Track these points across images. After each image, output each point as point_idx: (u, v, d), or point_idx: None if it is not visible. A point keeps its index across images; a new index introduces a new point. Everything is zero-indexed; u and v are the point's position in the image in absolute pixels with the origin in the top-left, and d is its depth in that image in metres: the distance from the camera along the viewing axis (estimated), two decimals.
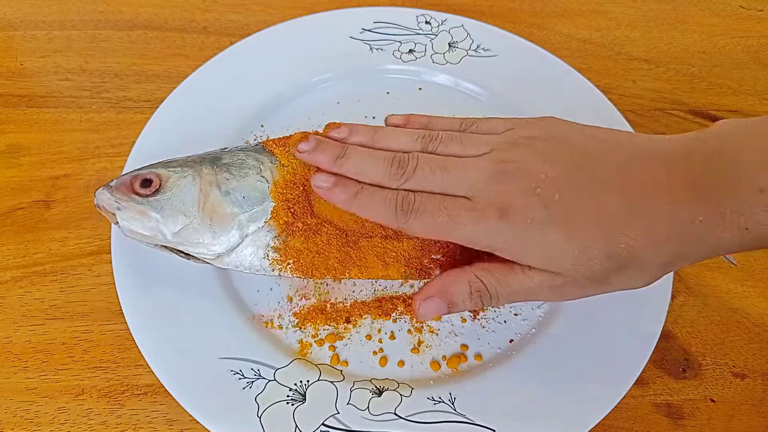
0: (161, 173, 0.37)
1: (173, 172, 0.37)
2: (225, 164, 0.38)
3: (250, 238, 0.37)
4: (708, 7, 0.62)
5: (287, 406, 0.36)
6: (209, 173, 0.38)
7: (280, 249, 0.37)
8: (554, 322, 0.40)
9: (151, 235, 0.37)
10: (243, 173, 0.37)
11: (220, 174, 0.38)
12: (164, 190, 0.37)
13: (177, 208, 0.37)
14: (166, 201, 0.37)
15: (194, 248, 0.37)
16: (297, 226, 0.37)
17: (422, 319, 0.36)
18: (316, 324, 0.40)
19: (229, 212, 0.37)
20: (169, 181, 0.37)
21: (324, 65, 0.52)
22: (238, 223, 0.37)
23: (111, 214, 0.37)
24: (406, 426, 0.35)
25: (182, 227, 0.36)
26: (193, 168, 0.38)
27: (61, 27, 0.56)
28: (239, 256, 0.37)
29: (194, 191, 0.37)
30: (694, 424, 0.39)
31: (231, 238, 0.37)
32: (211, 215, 0.37)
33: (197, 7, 0.59)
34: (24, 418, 0.37)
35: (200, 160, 0.39)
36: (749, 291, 0.44)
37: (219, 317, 0.39)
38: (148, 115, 0.47)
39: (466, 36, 0.53)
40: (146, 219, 0.36)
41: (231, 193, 0.37)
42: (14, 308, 0.41)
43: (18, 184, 0.47)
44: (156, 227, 0.36)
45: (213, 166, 0.38)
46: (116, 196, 0.37)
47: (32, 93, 0.52)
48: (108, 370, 0.39)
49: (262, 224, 0.37)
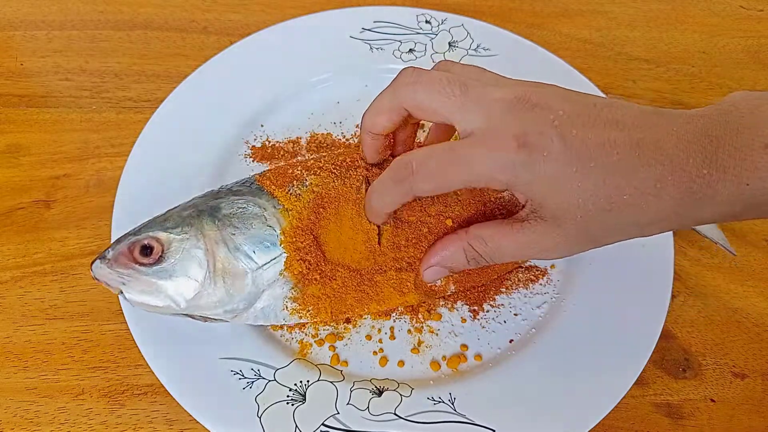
0: (161, 238, 0.35)
1: (174, 234, 0.35)
2: (226, 216, 0.36)
3: (267, 292, 0.36)
4: (708, 7, 0.62)
5: (287, 406, 0.36)
6: (212, 230, 0.35)
7: (297, 299, 0.36)
8: (554, 322, 0.40)
9: (165, 306, 0.35)
10: (248, 224, 0.35)
11: (224, 229, 0.35)
12: (168, 257, 0.34)
13: (186, 274, 0.34)
14: (173, 268, 0.34)
15: (212, 311, 0.35)
16: (312, 275, 0.36)
17: (429, 282, 0.36)
18: (316, 324, 0.40)
19: (241, 269, 0.35)
20: (171, 246, 0.34)
21: (324, 65, 0.52)
22: (253, 278, 0.35)
23: (114, 287, 0.35)
24: (406, 426, 0.35)
25: (195, 294, 0.34)
26: (193, 227, 0.35)
27: (61, 27, 0.56)
28: (257, 311, 0.36)
29: (201, 254, 0.35)
30: (694, 424, 0.39)
31: (248, 294, 0.35)
32: (223, 276, 0.35)
33: (197, 7, 0.59)
34: (24, 418, 0.37)
35: (197, 213, 0.36)
36: (749, 291, 0.44)
37: None
38: (148, 115, 0.47)
39: (466, 35, 0.53)
40: (156, 290, 0.34)
41: (240, 248, 0.35)
42: (14, 308, 0.41)
43: (18, 184, 0.47)
44: (168, 297, 0.34)
45: (214, 220, 0.35)
46: (118, 270, 0.34)
47: (32, 93, 0.52)
48: (108, 370, 0.39)
49: (278, 277, 0.36)
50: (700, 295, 0.44)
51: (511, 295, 0.41)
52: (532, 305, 0.41)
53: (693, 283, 0.44)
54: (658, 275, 0.41)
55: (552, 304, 0.41)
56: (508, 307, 0.41)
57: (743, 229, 0.46)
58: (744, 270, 0.45)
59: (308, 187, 0.36)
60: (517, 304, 0.41)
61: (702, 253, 0.45)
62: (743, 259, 0.45)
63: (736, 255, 0.44)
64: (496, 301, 0.41)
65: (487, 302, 0.41)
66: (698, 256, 0.45)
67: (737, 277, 0.44)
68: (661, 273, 0.41)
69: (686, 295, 0.43)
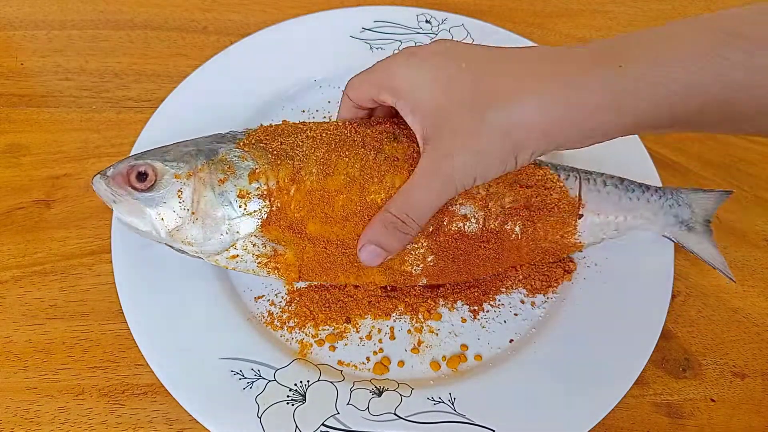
0: (157, 168, 0.37)
1: (169, 167, 0.37)
2: (221, 161, 0.37)
3: (241, 242, 0.37)
4: (708, 7, 0.62)
5: (287, 406, 0.36)
6: (204, 171, 0.37)
7: (269, 255, 0.38)
8: (554, 322, 0.40)
9: (147, 231, 0.37)
10: (238, 174, 0.37)
11: (214, 174, 0.37)
12: (159, 187, 0.37)
13: (171, 207, 0.37)
14: (161, 198, 0.37)
15: (186, 247, 0.38)
16: (287, 235, 0.37)
17: (367, 265, 0.37)
18: (316, 323, 0.40)
19: (221, 215, 0.37)
20: (164, 178, 0.37)
21: (324, 65, 0.52)
22: (230, 227, 0.37)
23: (107, 202, 0.38)
24: (406, 426, 0.35)
25: (175, 227, 0.37)
26: (188, 164, 0.37)
27: (61, 27, 0.56)
28: (228, 258, 0.38)
29: (188, 192, 0.37)
30: (694, 424, 0.39)
31: (221, 241, 0.37)
32: (204, 217, 0.37)
33: (197, 6, 0.59)
34: (24, 418, 0.37)
35: (196, 153, 0.38)
36: (749, 291, 0.44)
37: (219, 317, 0.39)
38: (148, 114, 0.47)
39: (467, 35, 0.53)
40: (142, 215, 0.37)
41: (225, 195, 0.37)
42: (14, 308, 0.41)
43: (18, 184, 0.47)
44: (151, 224, 0.37)
45: (209, 163, 0.37)
46: (112, 188, 0.37)
47: (32, 93, 0.52)
48: (108, 369, 0.39)
49: (254, 229, 0.37)
50: (700, 295, 0.44)
51: (511, 295, 0.41)
52: (532, 305, 0.41)
53: (693, 283, 0.44)
54: (658, 275, 0.41)
55: (552, 304, 0.41)
56: (508, 307, 0.41)
57: (743, 229, 0.46)
58: (744, 270, 0.45)
59: (303, 151, 0.37)
60: (517, 304, 0.41)
61: None
62: (743, 259, 0.45)
63: (735, 282, 0.44)
64: (496, 301, 0.41)
65: (487, 302, 0.41)
66: None
67: (737, 277, 0.44)
68: (661, 273, 0.41)
69: (686, 295, 0.43)
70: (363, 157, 0.37)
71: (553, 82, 0.31)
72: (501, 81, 0.32)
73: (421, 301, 0.41)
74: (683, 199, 0.42)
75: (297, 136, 0.38)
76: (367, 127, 0.39)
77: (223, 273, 0.41)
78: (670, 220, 0.42)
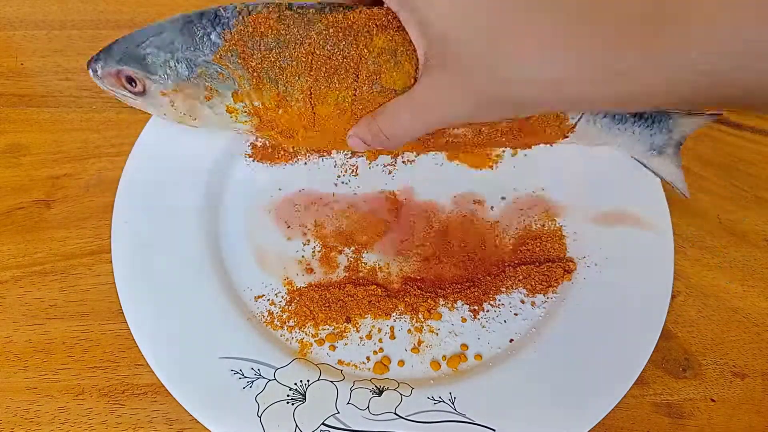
0: (145, 81, 0.38)
1: (152, 81, 0.37)
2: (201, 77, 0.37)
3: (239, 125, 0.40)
4: None
5: (287, 405, 0.36)
6: (188, 88, 0.37)
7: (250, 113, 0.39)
8: (554, 322, 0.40)
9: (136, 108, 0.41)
10: (222, 93, 0.37)
11: (199, 91, 0.37)
12: (147, 97, 0.39)
13: (158, 110, 0.40)
14: (152, 105, 0.39)
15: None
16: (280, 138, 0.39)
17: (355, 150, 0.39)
18: (316, 323, 0.40)
19: (206, 113, 0.39)
20: (150, 89, 0.38)
21: None
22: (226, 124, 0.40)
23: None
24: (406, 426, 0.36)
25: (163, 117, 0.41)
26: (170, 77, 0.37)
27: (61, 27, 0.56)
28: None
29: (179, 102, 0.38)
30: (694, 424, 0.39)
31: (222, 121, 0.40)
32: (201, 117, 0.39)
33: (197, 6, 0.59)
34: (24, 418, 0.37)
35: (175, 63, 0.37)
36: (749, 291, 0.44)
37: (219, 317, 0.39)
38: (148, 114, 0.47)
39: None
40: (144, 107, 0.40)
41: (213, 108, 0.38)
42: (14, 308, 0.41)
43: (18, 183, 0.47)
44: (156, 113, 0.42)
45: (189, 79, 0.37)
46: (105, 84, 0.39)
47: (32, 93, 0.52)
48: (108, 369, 0.39)
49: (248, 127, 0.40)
50: (700, 295, 0.44)
51: (511, 295, 0.41)
52: (532, 305, 0.41)
53: (693, 283, 0.44)
54: (658, 275, 0.41)
55: (552, 304, 0.41)
56: (508, 307, 0.41)
57: (743, 229, 0.46)
58: (744, 270, 0.45)
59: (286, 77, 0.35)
60: (517, 303, 0.41)
61: (702, 253, 0.45)
62: (743, 259, 0.45)
63: (689, 197, 0.43)
64: (497, 301, 0.41)
65: (488, 302, 0.41)
66: (698, 256, 0.45)
67: (737, 277, 0.44)
68: (661, 273, 0.41)
69: (686, 295, 0.43)
70: (356, 88, 0.35)
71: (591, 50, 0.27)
72: (526, 30, 0.28)
73: (421, 301, 0.41)
74: (667, 125, 0.41)
75: (280, 52, 0.35)
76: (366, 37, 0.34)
77: (223, 273, 0.41)
78: (645, 147, 0.42)
